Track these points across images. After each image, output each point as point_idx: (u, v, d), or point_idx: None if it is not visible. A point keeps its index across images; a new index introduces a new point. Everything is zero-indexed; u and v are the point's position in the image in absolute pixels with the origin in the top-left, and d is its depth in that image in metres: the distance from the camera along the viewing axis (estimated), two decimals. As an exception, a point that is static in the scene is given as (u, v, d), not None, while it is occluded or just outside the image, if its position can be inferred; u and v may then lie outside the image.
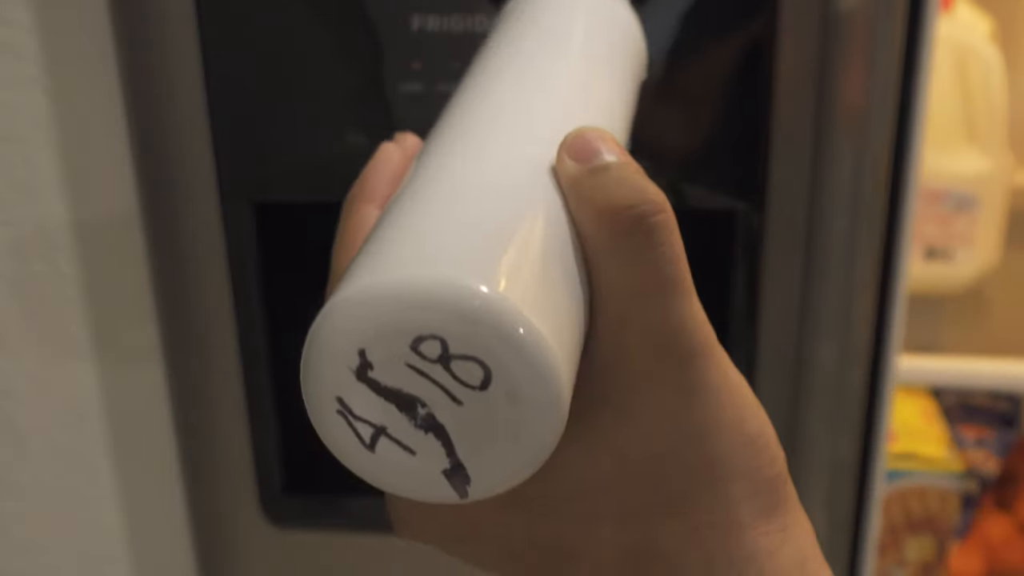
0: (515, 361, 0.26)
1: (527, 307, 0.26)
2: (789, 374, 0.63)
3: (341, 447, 0.28)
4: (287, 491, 0.70)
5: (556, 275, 0.28)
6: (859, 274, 0.60)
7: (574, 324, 0.28)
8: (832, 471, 0.65)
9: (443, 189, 0.30)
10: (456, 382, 0.26)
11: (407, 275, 0.26)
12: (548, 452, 0.27)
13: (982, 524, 1.23)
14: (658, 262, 0.29)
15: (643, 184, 0.29)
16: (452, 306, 0.25)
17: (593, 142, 0.30)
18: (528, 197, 0.30)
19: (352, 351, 0.26)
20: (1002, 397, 1.24)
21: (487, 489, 0.28)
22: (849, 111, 0.56)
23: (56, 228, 0.66)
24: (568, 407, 0.27)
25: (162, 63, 0.59)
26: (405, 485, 0.28)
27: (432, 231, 0.28)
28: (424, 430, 0.27)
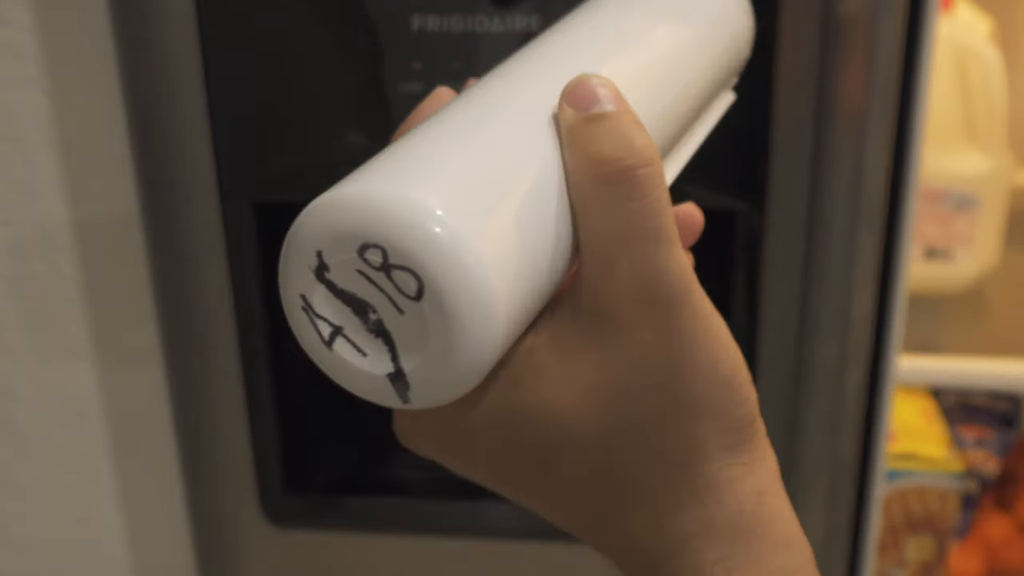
0: (445, 276, 0.28)
1: (466, 228, 0.28)
2: (789, 374, 0.63)
3: (306, 341, 0.31)
4: (287, 491, 0.70)
5: (523, 212, 0.30)
6: (859, 274, 0.60)
7: (538, 260, 0.30)
8: (832, 471, 0.65)
9: (445, 123, 0.32)
10: (397, 291, 0.28)
11: (362, 187, 0.29)
12: (479, 371, 0.30)
13: (982, 524, 1.23)
14: (642, 213, 0.31)
15: (633, 137, 0.31)
16: (390, 217, 0.28)
17: (593, 90, 0.32)
18: (521, 139, 0.31)
19: (312, 252, 0.29)
20: (1002, 397, 1.24)
21: (425, 398, 0.30)
22: (849, 111, 0.56)
23: (56, 228, 0.66)
24: (501, 335, 0.29)
25: (162, 63, 0.59)
26: (357, 384, 0.31)
27: (407, 155, 0.30)
28: (374, 334, 0.30)
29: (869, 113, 0.56)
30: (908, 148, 0.60)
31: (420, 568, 0.72)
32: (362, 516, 0.71)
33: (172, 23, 0.58)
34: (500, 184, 0.30)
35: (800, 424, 0.64)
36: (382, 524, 0.70)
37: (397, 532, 0.70)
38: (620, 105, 0.32)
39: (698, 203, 0.60)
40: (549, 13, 0.55)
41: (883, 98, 0.56)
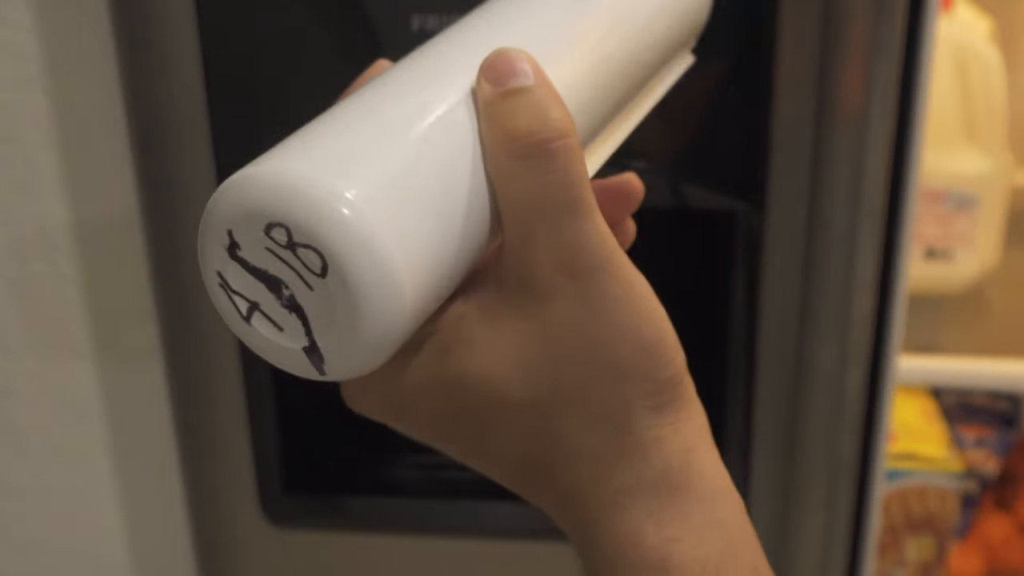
0: (345, 253, 0.28)
1: (365, 203, 0.28)
2: (789, 374, 0.63)
3: (227, 318, 0.32)
4: (287, 491, 0.70)
5: (431, 186, 0.30)
6: (859, 274, 0.60)
7: (451, 234, 0.31)
8: (832, 471, 0.65)
9: (359, 99, 0.32)
10: (305, 268, 0.29)
11: (265, 166, 0.29)
12: (389, 344, 0.30)
13: (982, 524, 1.23)
14: (556, 185, 0.32)
15: (548, 110, 0.32)
16: (290, 195, 0.28)
17: (511, 64, 0.32)
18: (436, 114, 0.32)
19: (223, 230, 0.30)
20: (1002, 397, 1.24)
21: (340, 371, 0.31)
22: (849, 111, 0.56)
23: (56, 228, 0.66)
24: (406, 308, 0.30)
25: (162, 63, 0.59)
26: (277, 357, 0.32)
27: (313, 133, 0.31)
28: (288, 309, 0.31)
29: (869, 113, 0.56)
30: (908, 148, 0.60)
31: (420, 568, 0.72)
32: (362, 516, 0.71)
33: (172, 23, 0.58)
34: (406, 159, 0.30)
35: (800, 424, 0.64)
36: (382, 524, 0.70)
37: (397, 532, 0.70)
38: (538, 79, 0.32)
39: (698, 203, 0.60)
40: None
41: (883, 98, 0.56)
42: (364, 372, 0.32)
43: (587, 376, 0.33)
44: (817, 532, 0.66)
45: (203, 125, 0.60)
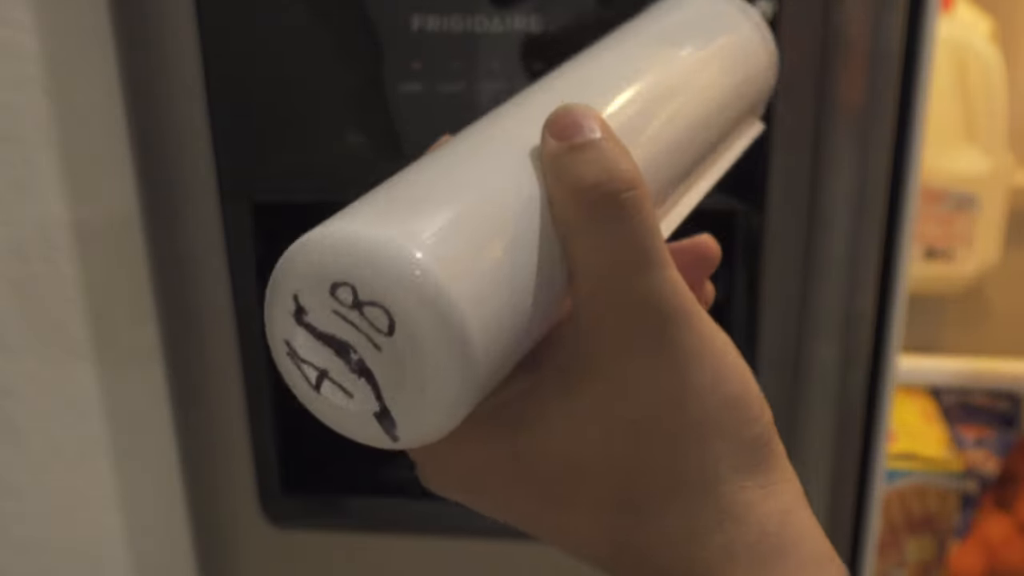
0: (412, 307, 0.28)
1: (431, 257, 0.28)
2: (789, 374, 0.63)
3: (296, 387, 0.31)
4: (287, 491, 0.70)
5: (499, 244, 0.30)
6: (859, 274, 0.60)
7: (522, 292, 0.30)
8: (832, 471, 0.65)
9: (424, 163, 0.32)
10: (372, 327, 0.28)
11: (329, 228, 0.29)
12: (460, 407, 0.29)
13: (982, 524, 1.23)
14: (628, 237, 0.30)
15: (615, 162, 0.31)
16: (353, 252, 0.28)
17: (577, 120, 0.31)
18: (501, 172, 0.31)
19: (289, 296, 0.30)
20: (1002, 397, 1.24)
21: (412, 436, 0.30)
22: (849, 111, 0.56)
23: (56, 228, 0.66)
24: (479, 365, 0.29)
25: (162, 63, 0.59)
26: (348, 426, 0.31)
27: (376, 195, 0.30)
28: (358, 374, 0.30)
29: (869, 113, 0.56)
30: (908, 148, 0.60)
31: (420, 568, 0.72)
32: (362, 516, 0.71)
33: (172, 23, 0.58)
34: (473, 217, 0.30)
35: (800, 424, 0.64)
36: (382, 524, 0.70)
37: (397, 532, 0.70)
38: (604, 132, 0.31)
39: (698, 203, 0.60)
40: (548, 13, 0.55)
41: (883, 98, 0.56)
42: (437, 437, 0.30)
43: (668, 435, 0.31)
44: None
45: (203, 125, 0.60)
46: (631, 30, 0.44)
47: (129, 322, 0.68)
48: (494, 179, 0.31)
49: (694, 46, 0.43)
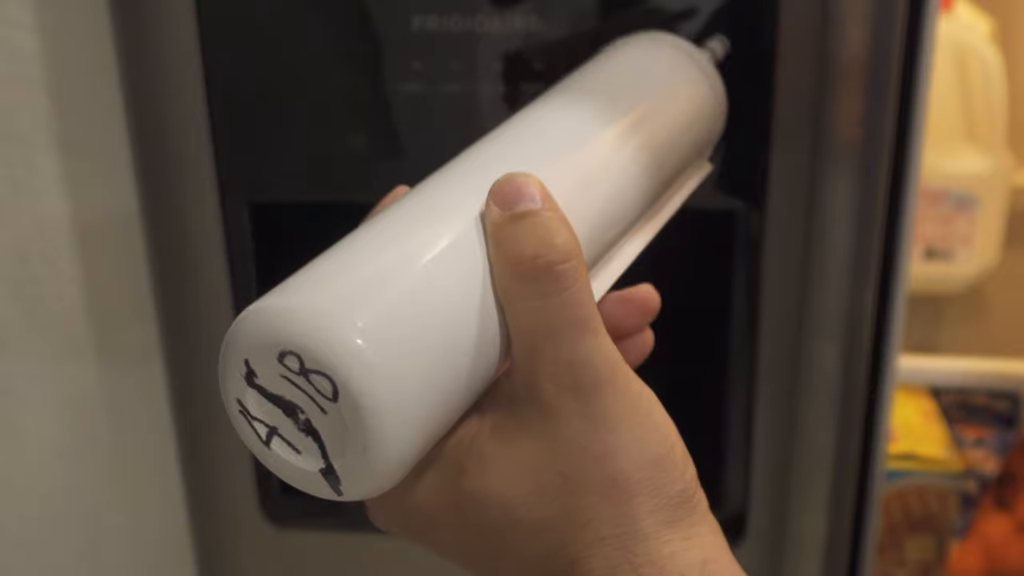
0: (354, 378, 0.29)
1: (374, 330, 0.30)
2: (789, 374, 0.63)
3: (248, 442, 0.33)
4: (286, 491, 0.70)
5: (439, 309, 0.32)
6: (859, 274, 0.60)
7: (461, 354, 0.32)
8: (832, 471, 0.65)
9: (370, 230, 0.34)
10: (318, 393, 0.30)
11: (276, 299, 0.31)
12: (400, 465, 0.31)
13: (982, 524, 1.23)
14: (563, 305, 0.32)
15: (554, 233, 0.33)
16: (301, 325, 0.30)
17: (518, 188, 0.33)
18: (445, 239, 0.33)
19: (240, 360, 0.32)
20: (1002, 397, 1.24)
21: (355, 490, 0.32)
22: (849, 111, 0.56)
23: (56, 228, 0.66)
24: (417, 429, 0.31)
25: (162, 63, 0.59)
26: (296, 479, 0.33)
27: (322, 265, 0.32)
28: (305, 433, 0.32)
29: (869, 113, 0.56)
30: (908, 148, 0.60)
31: (420, 568, 0.72)
32: (362, 516, 0.71)
33: (172, 23, 0.58)
34: (414, 285, 0.32)
35: (800, 424, 0.64)
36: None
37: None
38: (545, 203, 0.33)
39: (698, 203, 0.60)
40: (548, 13, 0.55)
41: (883, 98, 0.56)
42: (378, 492, 0.32)
43: (593, 493, 0.33)
44: (817, 532, 0.66)
45: (203, 125, 0.60)
46: (579, 80, 0.45)
47: (129, 322, 0.68)
48: (438, 245, 0.33)
49: (639, 98, 0.44)
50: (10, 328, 0.69)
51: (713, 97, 0.49)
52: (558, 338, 0.33)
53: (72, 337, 0.69)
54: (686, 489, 0.34)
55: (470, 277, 0.33)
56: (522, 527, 0.34)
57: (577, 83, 0.44)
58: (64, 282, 0.68)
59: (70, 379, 0.70)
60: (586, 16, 0.56)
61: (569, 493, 0.33)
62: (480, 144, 0.39)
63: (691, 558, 0.33)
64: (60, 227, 0.66)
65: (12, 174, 0.65)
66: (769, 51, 0.56)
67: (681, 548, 0.33)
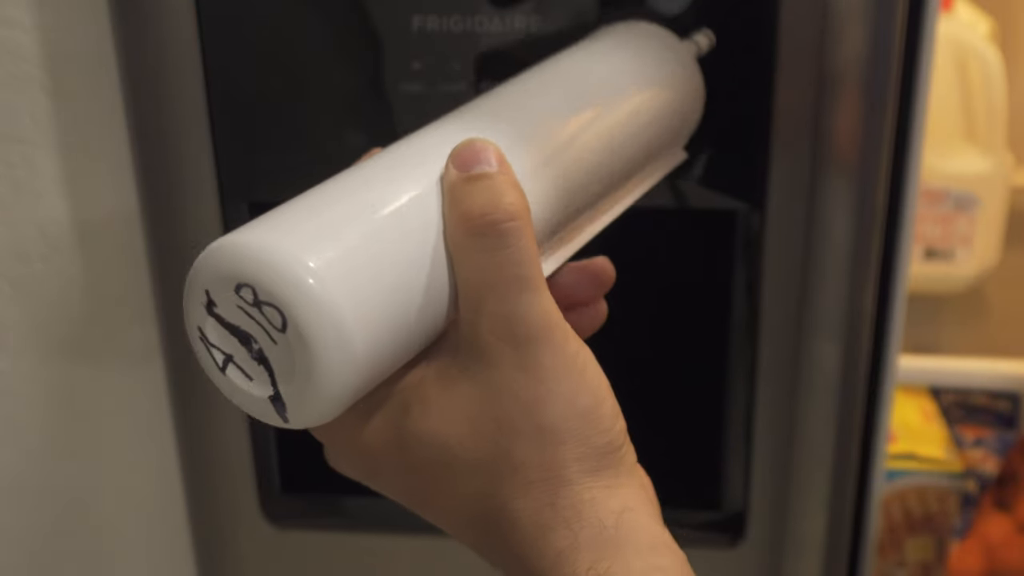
0: (300, 309, 0.32)
1: (322, 266, 0.32)
2: (789, 374, 0.63)
3: (206, 368, 0.36)
4: (286, 491, 0.70)
5: (390, 257, 0.34)
6: (859, 274, 0.60)
7: (408, 301, 0.35)
8: (832, 471, 0.65)
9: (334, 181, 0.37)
10: (269, 324, 0.33)
11: (238, 236, 0.33)
12: (342, 396, 0.34)
13: (981, 524, 1.23)
14: (506, 262, 0.35)
15: (503, 193, 0.36)
16: (254, 258, 0.32)
17: (476, 152, 0.36)
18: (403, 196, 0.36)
19: (202, 291, 0.34)
20: (1002, 397, 1.24)
21: (300, 420, 0.35)
22: (849, 111, 0.56)
23: (56, 228, 0.66)
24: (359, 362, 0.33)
25: (162, 63, 0.59)
26: (247, 405, 0.35)
27: (286, 206, 0.35)
28: (257, 361, 0.34)
29: (869, 113, 0.56)
30: (908, 148, 0.60)
31: (420, 568, 0.72)
32: (362, 516, 0.71)
33: (172, 23, 0.58)
34: (369, 232, 0.34)
35: (800, 424, 0.64)
36: (382, 524, 0.70)
37: (397, 532, 0.70)
38: (501, 168, 0.36)
39: (698, 203, 0.60)
40: (548, 13, 0.55)
41: (883, 98, 0.56)
42: (321, 421, 0.35)
43: (522, 438, 0.36)
44: (817, 532, 0.66)
45: (203, 125, 0.60)
46: (556, 63, 0.47)
47: (129, 322, 0.68)
48: (396, 199, 0.36)
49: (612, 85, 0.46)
50: (10, 328, 0.69)
51: (691, 89, 0.51)
52: (499, 292, 0.35)
53: (72, 337, 0.69)
54: (612, 442, 0.36)
55: (424, 231, 0.35)
56: (457, 466, 0.37)
57: (554, 65, 0.46)
58: (64, 282, 0.68)
59: (70, 379, 0.70)
60: (586, 16, 0.56)
61: (501, 436, 0.36)
62: (451, 115, 0.42)
63: (611, 506, 0.35)
64: (60, 227, 0.66)
65: (12, 174, 0.65)
66: (769, 50, 0.56)
67: (603, 496, 0.36)
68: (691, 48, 0.52)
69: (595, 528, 0.35)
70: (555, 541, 0.35)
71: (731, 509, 0.67)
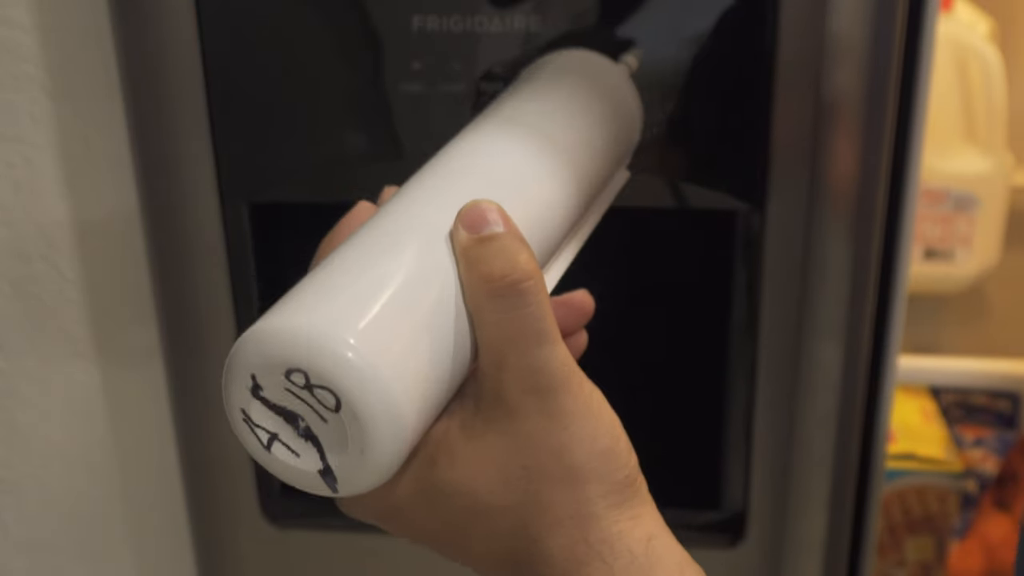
0: (357, 392, 0.33)
1: (372, 349, 0.34)
2: (789, 374, 0.63)
3: (250, 447, 0.37)
4: (286, 491, 0.70)
5: (424, 325, 0.36)
6: (859, 274, 0.60)
7: (441, 363, 0.36)
8: (832, 471, 0.65)
9: (354, 252, 0.38)
10: (320, 404, 0.34)
11: (284, 320, 0.35)
12: (392, 464, 0.35)
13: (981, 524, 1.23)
14: (526, 318, 0.37)
15: (517, 254, 0.37)
16: (309, 346, 0.33)
17: (483, 214, 0.38)
18: (422, 262, 0.37)
19: (247, 375, 0.35)
20: (1001, 397, 1.24)
21: (350, 488, 0.36)
22: (849, 111, 0.56)
23: (56, 228, 0.66)
24: (408, 434, 0.35)
25: (162, 63, 0.59)
26: (294, 479, 0.36)
27: (322, 286, 0.36)
28: (304, 439, 0.35)
29: (869, 112, 0.56)
30: (908, 148, 0.60)
31: (420, 568, 0.72)
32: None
33: (172, 23, 0.58)
34: (403, 305, 0.36)
35: (800, 424, 0.64)
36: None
37: (397, 532, 0.70)
38: (507, 226, 0.38)
39: (698, 203, 0.60)
40: (548, 13, 0.55)
41: (883, 97, 0.56)
42: (370, 488, 0.36)
43: (552, 481, 0.37)
44: (817, 532, 0.66)
45: (203, 125, 0.60)
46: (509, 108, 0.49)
47: (129, 322, 0.68)
48: (416, 267, 0.37)
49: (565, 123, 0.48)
50: (10, 328, 0.69)
51: (630, 111, 0.54)
52: (521, 347, 0.37)
53: (72, 337, 0.69)
54: (629, 475, 0.38)
55: (444, 292, 0.37)
56: (489, 513, 0.38)
57: (508, 110, 0.48)
58: (64, 282, 0.68)
59: (70, 379, 0.70)
60: (586, 16, 0.56)
61: (530, 482, 0.37)
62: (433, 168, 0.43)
63: (638, 535, 0.38)
64: (60, 227, 0.66)
65: (12, 174, 0.65)
66: (768, 48, 0.56)
67: (629, 527, 0.38)
68: (624, 70, 0.54)
69: (627, 558, 0.37)
70: (591, 575, 0.37)
71: (731, 509, 0.67)
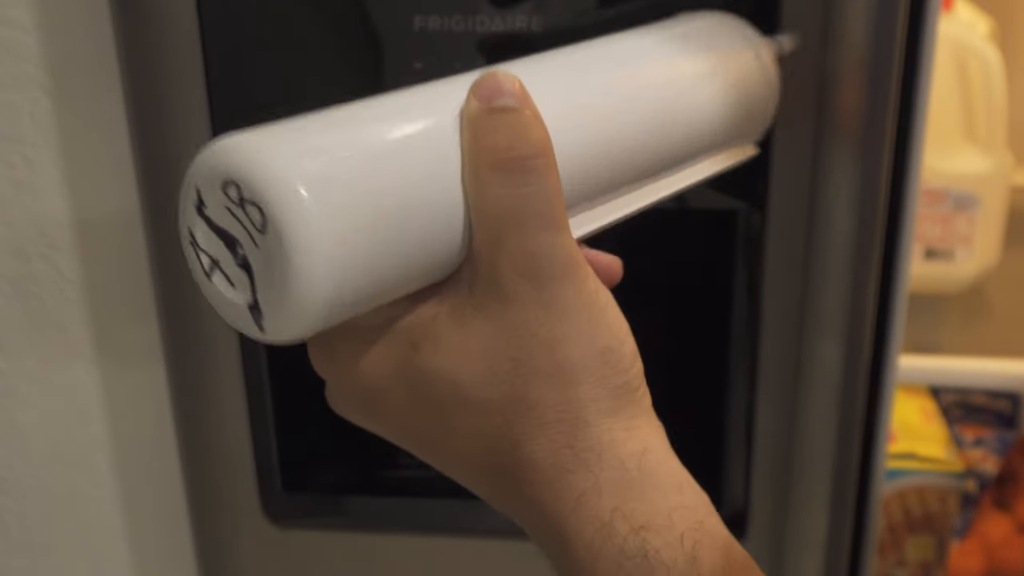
0: (279, 207, 0.31)
1: (305, 165, 0.31)
2: (790, 374, 0.63)
3: (194, 272, 0.35)
4: (287, 490, 0.70)
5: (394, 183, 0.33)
6: (859, 274, 0.60)
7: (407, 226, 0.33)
8: (832, 470, 0.65)
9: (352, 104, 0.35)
10: (252, 224, 0.32)
11: (235, 136, 0.33)
12: (316, 310, 0.32)
13: (981, 524, 1.23)
14: (530, 197, 0.34)
15: (529, 129, 0.34)
16: (240, 154, 0.32)
17: (499, 84, 0.35)
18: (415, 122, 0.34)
19: (193, 189, 0.33)
20: (1002, 397, 1.24)
21: (276, 330, 0.33)
22: (849, 111, 0.56)
23: (56, 228, 0.66)
24: (335, 272, 0.32)
25: (162, 63, 0.59)
26: (229, 314, 0.34)
27: (297, 120, 0.34)
28: (241, 267, 0.33)
29: (869, 113, 0.56)
30: (908, 148, 0.60)
31: (420, 568, 0.72)
32: (362, 516, 0.71)
33: (172, 23, 0.58)
34: (373, 152, 0.33)
35: (801, 423, 0.64)
36: (382, 524, 0.70)
37: (397, 532, 0.70)
38: (524, 102, 0.35)
39: (698, 203, 0.60)
40: (549, 13, 0.55)
41: (883, 98, 0.56)
42: (297, 336, 0.33)
43: (540, 376, 0.35)
44: (817, 532, 0.66)
45: (203, 125, 0.60)
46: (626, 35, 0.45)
47: (129, 322, 0.68)
48: (409, 124, 0.34)
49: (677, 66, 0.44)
50: (10, 328, 0.69)
51: (765, 85, 0.50)
52: (521, 228, 0.34)
53: (72, 337, 0.69)
54: (629, 383, 0.35)
55: (438, 160, 0.34)
56: (469, 406, 0.35)
57: (620, 37, 0.45)
58: (64, 282, 0.68)
59: (70, 379, 0.70)
60: (586, 16, 0.56)
61: (517, 376, 0.35)
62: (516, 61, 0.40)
63: (631, 447, 0.35)
64: (60, 227, 0.66)
65: (12, 174, 0.65)
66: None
67: (622, 437, 0.35)
68: (772, 46, 0.51)
69: (617, 470, 0.34)
70: (575, 483, 0.34)
71: (732, 508, 0.67)
